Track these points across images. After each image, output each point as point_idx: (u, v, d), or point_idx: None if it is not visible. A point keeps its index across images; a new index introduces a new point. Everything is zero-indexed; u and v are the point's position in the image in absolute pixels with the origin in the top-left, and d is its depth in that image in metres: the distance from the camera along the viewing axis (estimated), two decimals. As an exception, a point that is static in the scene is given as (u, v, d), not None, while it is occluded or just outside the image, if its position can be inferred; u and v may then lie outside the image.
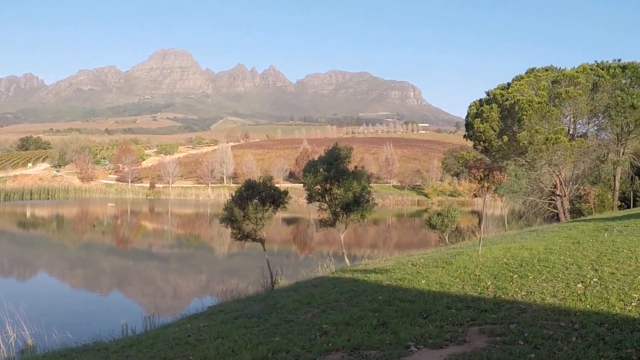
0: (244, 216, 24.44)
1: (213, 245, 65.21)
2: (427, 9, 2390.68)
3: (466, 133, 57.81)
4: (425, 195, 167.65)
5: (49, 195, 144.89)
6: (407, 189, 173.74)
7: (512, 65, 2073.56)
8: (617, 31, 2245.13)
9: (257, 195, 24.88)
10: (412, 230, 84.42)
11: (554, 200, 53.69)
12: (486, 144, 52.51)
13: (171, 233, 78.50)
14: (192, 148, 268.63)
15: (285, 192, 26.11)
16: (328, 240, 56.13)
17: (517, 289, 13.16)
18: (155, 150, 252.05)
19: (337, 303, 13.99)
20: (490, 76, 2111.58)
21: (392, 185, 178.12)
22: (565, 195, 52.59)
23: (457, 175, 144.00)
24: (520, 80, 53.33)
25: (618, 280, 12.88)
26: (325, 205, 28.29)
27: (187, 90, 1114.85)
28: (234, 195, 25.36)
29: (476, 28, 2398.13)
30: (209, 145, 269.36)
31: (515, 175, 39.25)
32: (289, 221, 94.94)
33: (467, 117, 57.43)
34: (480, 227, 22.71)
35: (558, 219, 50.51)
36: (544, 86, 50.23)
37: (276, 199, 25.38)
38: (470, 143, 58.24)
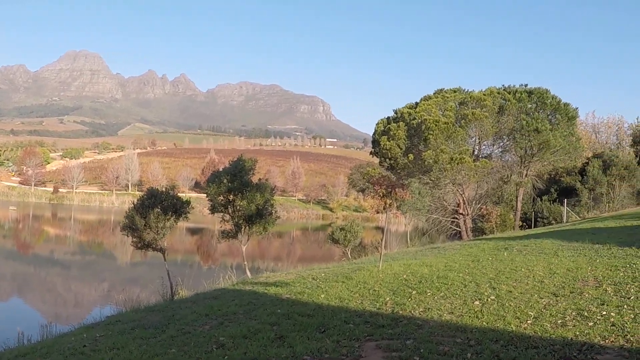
0: (145, 225, 24.04)
1: (116, 253, 64.37)
2: (337, 26, 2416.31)
3: (373, 150, 58.05)
4: (331, 209, 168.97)
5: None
6: (313, 203, 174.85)
7: (421, 85, 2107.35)
8: (524, 55, 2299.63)
9: (159, 204, 24.53)
10: (316, 244, 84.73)
11: (457, 218, 54.42)
12: (392, 162, 52.84)
13: (74, 239, 77.35)
14: (98, 153, 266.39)
15: (188, 202, 25.84)
16: (232, 251, 55.81)
17: (415, 305, 13.20)
18: (61, 154, 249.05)
19: (236, 315, 13.80)
20: (399, 95, 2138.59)
21: (298, 199, 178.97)
22: (468, 214, 53.38)
23: (362, 191, 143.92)
24: (428, 100, 53.92)
25: (515, 298, 13.03)
26: (227, 217, 28.14)
27: (96, 94, 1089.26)
28: (135, 203, 24.95)
29: (387, 47, 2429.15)
30: (116, 151, 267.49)
31: (419, 193, 39.58)
32: (193, 231, 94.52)
33: (374, 134, 57.67)
34: (382, 243, 22.75)
35: (460, 237, 51.19)
36: (451, 107, 50.95)
37: (178, 208, 25.08)
38: (376, 160, 58.50)
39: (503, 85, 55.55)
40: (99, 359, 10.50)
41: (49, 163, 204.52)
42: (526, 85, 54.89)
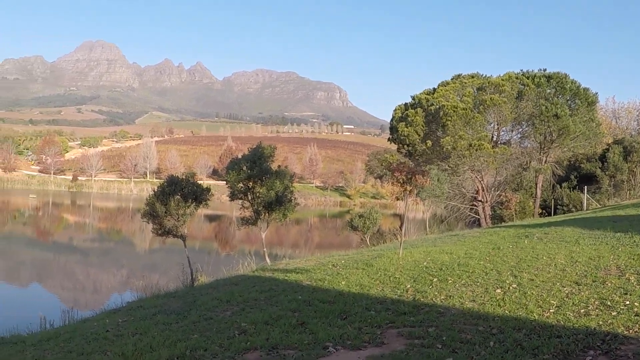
0: (165, 212, 24.07)
1: (134, 240, 64.65)
2: (354, 13, 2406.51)
3: (390, 136, 57.62)
4: (348, 196, 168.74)
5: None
6: (330, 189, 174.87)
7: (439, 70, 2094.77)
8: (543, 42, 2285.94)
9: (180, 191, 24.55)
10: (334, 231, 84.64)
11: (475, 205, 54.11)
12: (410, 148, 52.56)
13: (93, 226, 77.79)
14: (116, 142, 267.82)
15: (208, 189, 25.82)
16: (250, 238, 55.89)
17: (436, 293, 13.16)
18: (79, 142, 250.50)
19: (257, 302, 13.81)
20: (417, 81, 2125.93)
21: (315, 186, 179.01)
22: (487, 201, 53.06)
23: (380, 177, 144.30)
24: (445, 86, 53.51)
25: (537, 286, 12.96)
26: (247, 204, 28.11)
27: (113, 84, 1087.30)
28: (156, 190, 24.98)
29: (403, 33, 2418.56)
30: (133, 140, 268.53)
31: (438, 180, 39.33)
32: (211, 218, 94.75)
33: (392, 120, 57.37)
34: (401, 230, 22.63)
35: (479, 224, 50.88)
36: (469, 93, 50.50)
37: (198, 195, 25.06)
38: (394, 146, 58.19)
39: (521, 70, 55.11)
40: (122, 344, 10.48)
41: (67, 152, 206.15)
42: (545, 70, 54.46)
